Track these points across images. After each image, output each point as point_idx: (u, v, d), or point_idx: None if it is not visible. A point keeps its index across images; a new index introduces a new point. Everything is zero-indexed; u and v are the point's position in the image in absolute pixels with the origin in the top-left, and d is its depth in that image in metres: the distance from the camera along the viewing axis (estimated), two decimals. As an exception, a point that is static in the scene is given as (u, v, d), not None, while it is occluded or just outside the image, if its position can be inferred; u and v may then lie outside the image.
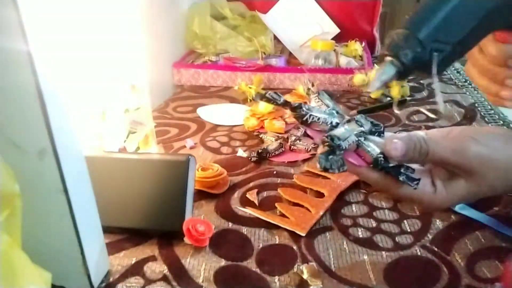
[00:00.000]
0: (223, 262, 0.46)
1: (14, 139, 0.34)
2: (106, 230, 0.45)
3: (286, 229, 0.51)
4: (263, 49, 1.08)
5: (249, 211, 0.53)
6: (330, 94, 0.46)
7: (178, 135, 0.77)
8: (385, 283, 0.43)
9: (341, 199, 0.56)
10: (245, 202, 0.57)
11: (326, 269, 0.45)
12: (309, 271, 0.43)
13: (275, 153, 0.67)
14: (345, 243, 0.49)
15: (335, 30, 1.17)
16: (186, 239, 0.48)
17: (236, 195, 0.58)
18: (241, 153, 0.69)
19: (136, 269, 0.45)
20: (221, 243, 0.49)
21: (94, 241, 0.42)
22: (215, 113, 0.86)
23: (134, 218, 0.50)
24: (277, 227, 0.51)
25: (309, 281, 0.43)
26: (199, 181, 0.57)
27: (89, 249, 0.40)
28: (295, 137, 0.70)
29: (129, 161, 0.53)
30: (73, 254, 0.39)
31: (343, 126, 0.42)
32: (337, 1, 1.19)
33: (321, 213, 0.52)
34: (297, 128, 0.76)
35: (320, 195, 0.57)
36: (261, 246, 0.49)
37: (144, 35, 0.69)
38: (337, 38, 1.15)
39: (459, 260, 0.46)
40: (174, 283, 0.43)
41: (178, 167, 0.51)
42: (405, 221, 0.52)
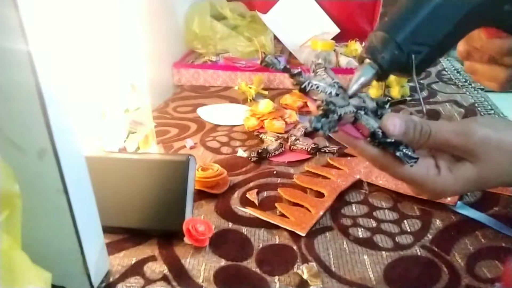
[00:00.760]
0: (223, 262, 0.46)
1: (14, 139, 0.34)
2: (106, 230, 0.45)
3: (286, 229, 0.51)
4: (263, 49, 1.08)
5: (249, 211, 0.53)
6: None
7: (178, 135, 0.77)
8: (385, 283, 0.43)
9: (341, 199, 0.56)
10: (245, 202, 0.57)
11: (326, 269, 0.45)
12: (309, 271, 0.43)
13: (275, 153, 0.67)
14: (345, 243, 0.49)
15: (335, 30, 1.17)
16: (186, 239, 0.48)
17: (236, 195, 0.58)
18: (241, 153, 0.69)
19: (136, 269, 0.45)
20: (221, 243, 0.49)
21: (94, 241, 0.42)
22: (215, 113, 0.86)
23: (134, 218, 0.50)
24: (277, 227, 0.51)
25: (309, 281, 0.43)
26: (199, 181, 0.57)
27: (89, 249, 0.40)
28: (295, 137, 0.70)
29: (129, 161, 0.53)
30: (73, 254, 0.39)
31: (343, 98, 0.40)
32: (337, 1, 1.19)
33: (321, 213, 0.52)
34: (297, 128, 0.76)
35: (320, 195, 0.57)
36: (261, 246, 0.49)
37: (144, 35, 0.69)
38: (337, 38, 1.15)
39: (459, 260, 0.46)
40: (174, 283, 0.43)
41: (178, 167, 0.51)
42: (405, 221, 0.52)
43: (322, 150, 0.68)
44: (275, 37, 1.12)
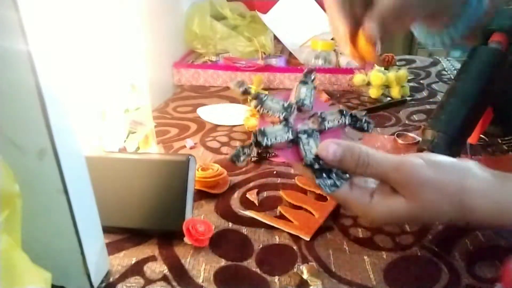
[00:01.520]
0: (223, 262, 0.46)
1: (14, 139, 0.34)
2: (106, 230, 0.45)
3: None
4: (263, 49, 1.08)
5: (251, 215, 0.53)
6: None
7: (178, 135, 0.77)
8: (385, 283, 0.43)
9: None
10: (245, 202, 0.57)
11: (326, 269, 0.45)
12: (309, 271, 0.43)
13: (275, 153, 0.67)
14: (345, 243, 0.49)
15: (335, 30, 1.17)
16: (186, 239, 0.48)
17: (236, 195, 0.58)
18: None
19: (136, 269, 0.45)
20: (221, 243, 0.49)
21: (94, 241, 0.42)
22: (215, 113, 0.86)
23: (134, 218, 0.50)
24: (277, 227, 0.51)
25: (309, 281, 0.43)
26: (199, 181, 0.57)
27: (89, 249, 0.40)
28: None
29: (129, 161, 0.53)
30: (73, 254, 0.39)
31: (306, 123, 0.44)
32: (337, 1, 1.18)
33: (325, 217, 0.52)
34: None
35: (322, 197, 0.57)
36: (261, 246, 0.49)
37: (144, 35, 0.69)
38: (337, 38, 1.14)
39: (459, 260, 0.46)
40: (174, 283, 0.43)
41: (178, 167, 0.51)
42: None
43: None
44: (275, 37, 1.12)
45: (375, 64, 1.01)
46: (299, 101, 0.45)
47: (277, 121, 0.44)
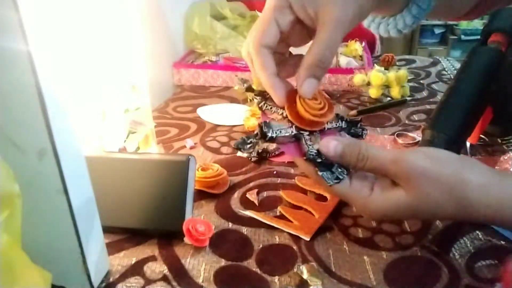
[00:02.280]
0: (223, 262, 0.46)
1: (14, 139, 0.34)
2: (106, 230, 0.45)
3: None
4: (263, 49, 1.08)
5: (251, 215, 0.53)
6: None
7: (178, 135, 0.77)
8: (385, 283, 0.43)
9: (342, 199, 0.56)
10: (245, 202, 0.57)
11: (326, 269, 0.45)
12: (309, 271, 0.43)
13: (275, 153, 0.67)
14: (345, 243, 0.49)
15: (335, 30, 1.17)
16: (186, 239, 0.48)
17: (236, 195, 0.58)
18: (241, 153, 0.69)
19: (136, 269, 0.45)
20: (221, 243, 0.49)
21: (94, 241, 0.42)
22: (215, 113, 0.86)
23: (134, 218, 0.50)
24: (277, 227, 0.51)
25: (309, 281, 0.43)
26: (199, 181, 0.57)
27: (89, 249, 0.40)
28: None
29: (129, 161, 0.53)
30: (73, 254, 0.39)
31: None
32: (337, 1, 1.18)
33: (325, 217, 0.52)
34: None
35: (322, 197, 0.57)
36: (261, 246, 0.49)
37: (144, 35, 0.69)
38: (337, 38, 1.14)
39: (459, 260, 0.46)
40: (174, 283, 0.43)
41: (178, 167, 0.51)
42: (405, 221, 0.52)
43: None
44: (275, 37, 1.12)
45: (374, 65, 1.01)
46: None
47: (280, 118, 0.44)
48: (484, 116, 0.56)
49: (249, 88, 0.45)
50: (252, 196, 0.57)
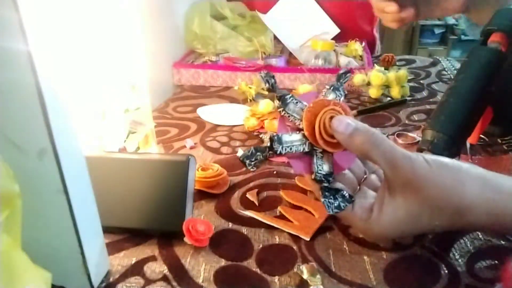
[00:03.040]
0: (223, 262, 0.46)
1: (14, 139, 0.34)
2: (106, 230, 0.45)
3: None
4: (263, 49, 1.08)
5: (252, 215, 0.53)
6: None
7: (178, 135, 0.77)
8: (385, 283, 0.43)
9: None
10: (245, 202, 0.57)
11: (326, 269, 0.45)
12: (309, 271, 0.43)
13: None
14: (345, 243, 0.49)
15: (335, 30, 1.17)
16: (186, 239, 0.48)
17: (236, 195, 0.58)
18: (241, 153, 0.69)
19: (136, 269, 0.45)
20: (221, 243, 0.49)
21: (94, 241, 0.42)
22: (215, 113, 0.86)
23: (134, 218, 0.50)
24: (277, 227, 0.51)
25: (309, 281, 0.43)
26: (199, 181, 0.57)
27: (89, 249, 0.40)
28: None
29: (129, 161, 0.53)
30: (73, 254, 0.39)
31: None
32: (337, 1, 1.19)
33: (325, 217, 0.52)
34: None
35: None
36: (261, 246, 0.49)
37: (144, 35, 0.69)
38: (337, 38, 1.15)
39: (459, 260, 0.46)
40: (174, 283, 0.43)
41: (178, 167, 0.51)
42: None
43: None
44: (275, 37, 1.12)
45: (375, 65, 1.01)
46: None
47: (295, 128, 0.43)
48: (484, 116, 0.56)
49: (271, 88, 0.44)
50: (252, 196, 0.57)
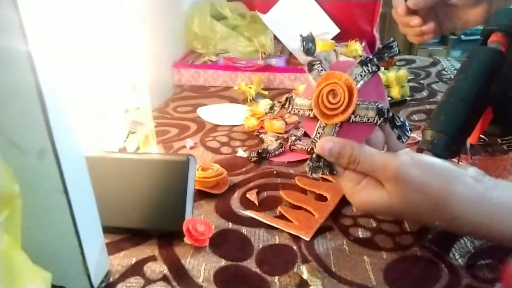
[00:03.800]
0: (223, 262, 0.46)
1: (14, 139, 0.34)
2: (106, 230, 0.45)
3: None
4: (263, 49, 1.08)
5: (252, 215, 0.53)
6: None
7: (178, 135, 0.77)
8: (385, 283, 0.43)
9: (342, 199, 0.56)
10: (245, 202, 0.57)
11: (326, 269, 0.45)
12: (309, 271, 0.43)
13: (275, 153, 0.67)
14: (345, 243, 0.49)
15: (335, 30, 1.17)
16: (186, 239, 0.48)
17: (236, 195, 0.58)
18: (241, 153, 0.69)
19: (136, 269, 0.45)
20: (221, 243, 0.49)
21: (94, 241, 0.42)
22: (215, 113, 0.86)
23: (134, 218, 0.50)
24: (277, 227, 0.51)
25: (309, 281, 0.43)
26: (199, 181, 0.57)
27: (89, 249, 0.40)
28: (295, 137, 0.70)
29: (129, 161, 0.53)
30: (73, 254, 0.39)
31: None
32: (337, 1, 1.19)
33: (325, 217, 0.52)
34: (297, 128, 0.76)
35: (322, 197, 0.57)
36: (261, 246, 0.49)
37: (144, 35, 0.69)
38: (337, 38, 1.15)
39: (459, 260, 0.46)
40: (174, 283, 0.43)
41: (178, 167, 0.51)
42: (405, 221, 0.52)
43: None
44: (275, 37, 1.12)
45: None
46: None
47: (307, 116, 0.48)
48: (484, 116, 0.56)
49: (308, 51, 0.51)
50: (252, 196, 0.57)
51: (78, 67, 0.54)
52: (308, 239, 0.49)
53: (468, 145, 0.61)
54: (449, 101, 0.53)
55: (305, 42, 0.47)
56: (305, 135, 0.72)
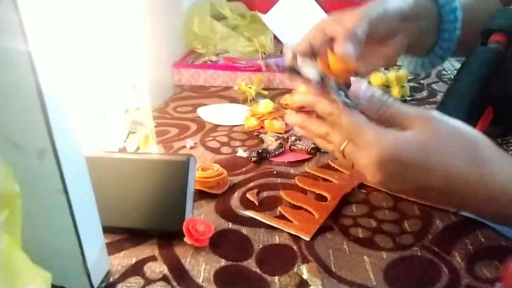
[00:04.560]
0: (223, 262, 0.46)
1: (14, 139, 0.34)
2: (106, 230, 0.45)
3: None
4: (263, 49, 1.08)
5: (252, 215, 0.53)
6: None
7: (178, 135, 0.77)
8: (385, 283, 0.43)
9: (341, 199, 0.56)
10: (245, 202, 0.57)
11: (326, 269, 0.45)
12: (309, 271, 0.43)
13: (275, 153, 0.67)
14: (345, 243, 0.49)
15: (335, 30, 1.17)
16: (186, 239, 0.48)
17: (236, 195, 0.58)
18: (241, 153, 0.69)
19: (136, 269, 0.45)
20: (221, 243, 0.49)
21: (94, 241, 0.42)
22: (215, 113, 0.86)
23: (134, 218, 0.50)
24: (277, 227, 0.51)
25: (309, 281, 0.43)
26: (199, 181, 0.57)
27: (89, 249, 0.40)
28: (295, 137, 0.70)
29: (129, 161, 0.53)
30: (73, 254, 0.40)
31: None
32: (337, 1, 1.18)
33: (325, 217, 0.52)
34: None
35: (322, 197, 0.57)
36: (261, 246, 0.49)
37: (144, 35, 0.69)
38: (337, 38, 1.14)
39: (459, 260, 0.46)
40: (174, 283, 0.43)
41: (178, 167, 0.51)
42: (405, 221, 0.52)
43: (322, 150, 0.68)
44: (275, 37, 1.12)
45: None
46: None
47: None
48: (484, 116, 0.56)
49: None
50: (252, 196, 0.57)
51: (78, 67, 0.54)
52: (308, 239, 0.49)
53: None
54: (449, 101, 0.53)
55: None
56: None
